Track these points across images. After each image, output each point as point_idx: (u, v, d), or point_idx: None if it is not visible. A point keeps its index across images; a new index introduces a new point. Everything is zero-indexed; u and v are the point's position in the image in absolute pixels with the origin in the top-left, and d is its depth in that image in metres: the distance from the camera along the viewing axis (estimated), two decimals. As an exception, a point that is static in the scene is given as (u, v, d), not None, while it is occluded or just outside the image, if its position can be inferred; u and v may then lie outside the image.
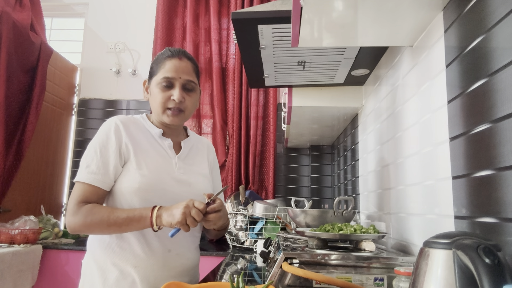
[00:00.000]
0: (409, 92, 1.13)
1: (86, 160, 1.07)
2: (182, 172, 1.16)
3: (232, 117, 2.96)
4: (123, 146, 1.09)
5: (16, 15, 2.47)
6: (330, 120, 2.11)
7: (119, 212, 1.02)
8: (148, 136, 1.16)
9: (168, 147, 1.17)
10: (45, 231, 2.44)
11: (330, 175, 2.97)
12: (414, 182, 1.08)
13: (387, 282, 0.93)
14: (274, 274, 0.96)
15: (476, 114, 0.74)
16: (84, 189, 1.04)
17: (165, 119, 1.14)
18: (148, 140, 1.15)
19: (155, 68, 1.15)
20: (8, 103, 2.33)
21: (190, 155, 1.23)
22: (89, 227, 1.02)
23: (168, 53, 1.15)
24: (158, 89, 1.13)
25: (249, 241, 2.23)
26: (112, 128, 1.10)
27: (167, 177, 1.12)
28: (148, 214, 1.01)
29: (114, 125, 1.11)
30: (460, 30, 0.82)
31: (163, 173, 1.12)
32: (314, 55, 1.43)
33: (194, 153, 1.26)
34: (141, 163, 1.09)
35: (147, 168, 1.09)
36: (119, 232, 1.05)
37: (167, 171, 1.13)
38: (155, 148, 1.15)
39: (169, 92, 1.12)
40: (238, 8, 3.02)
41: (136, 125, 1.16)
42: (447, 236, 0.57)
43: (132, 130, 1.13)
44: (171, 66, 1.12)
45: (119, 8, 3.29)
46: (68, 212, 1.04)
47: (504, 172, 0.64)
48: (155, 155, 1.14)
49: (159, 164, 1.13)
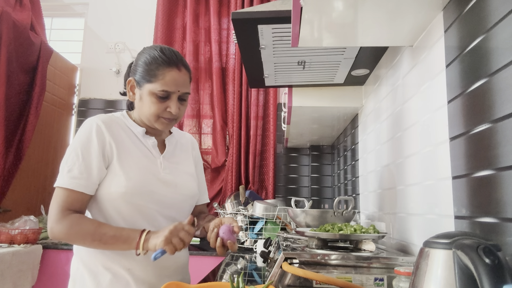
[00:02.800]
0: (409, 92, 1.13)
1: (68, 164, 1.02)
2: (168, 172, 1.12)
3: (232, 117, 2.96)
4: (106, 147, 1.05)
5: (16, 15, 2.47)
6: (330, 120, 2.11)
7: (106, 229, 0.98)
8: (131, 135, 1.12)
9: (152, 146, 1.13)
10: (45, 231, 2.44)
11: (330, 175, 2.97)
12: (414, 182, 1.08)
13: (387, 282, 0.93)
14: (274, 274, 0.96)
15: (476, 114, 0.74)
16: (67, 195, 1.00)
17: (157, 125, 1.10)
18: (131, 139, 1.11)
19: (149, 72, 1.06)
20: (8, 103, 2.33)
21: (175, 153, 1.20)
22: (72, 238, 0.99)
23: (165, 59, 1.06)
24: (153, 99, 1.06)
25: (249, 241, 2.23)
26: (93, 129, 1.05)
27: (153, 179, 1.08)
28: (136, 237, 0.97)
29: (95, 126, 1.05)
30: (460, 30, 0.82)
31: (149, 174, 1.08)
32: (314, 55, 1.43)
33: (179, 151, 1.22)
34: (125, 166, 1.05)
35: (132, 171, 1.05)
36: (101, 248, 1.02)
37: (153, 172, 1.09)
38: (139, 148, 1.11)
39: (165, 104, 1.07)
40: (238, 8, 3.02)
41: (117, 124, 1.10)
42: (447, 236, 0.57)
43: (114, 130, 1.08)
44: (171, 79, 1.05)
45: (119, 8, 3.29)
46: (50, 219, 0.99)
47: (504, 172, 0.64)
48: (139, 155, 1.09)
49: (144, 165, 1.09)
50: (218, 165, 2.98)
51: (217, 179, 2.98)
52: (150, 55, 1.07)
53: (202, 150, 3.06)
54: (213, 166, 2.99)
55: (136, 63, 1.11)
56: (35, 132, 2.57)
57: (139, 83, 1.09)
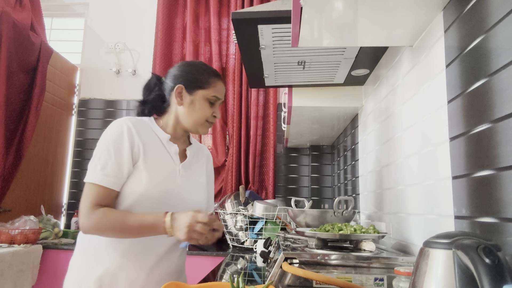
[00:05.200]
0: (409, 92, 1.13)
1: (100, 161, 1.07)
2: (184, 180, 1.18)
3: (232, 117, 2.96)
4: (135, 148, 1.10)
5: (16, 15, 2.47)
6: (330, 120, 2.11)
7: (131, 220, 1.03)
8: (156, 140, 1.17)
9: (174, 153, 1.19)
10: (45, 231, 2.44)
11: (330, 175, 2.97)
12: (414, 182, 1.08)
13: (387, 282, 0.93)
14: (274, 274, 0.96)
15: (476, 114, 0.74)
16: (98, 191, 1.05)
17: (200, 130, 1.20)
18: (156, 144, 1.16)
19: (201, 80, 1.18)
20: (8, 103, 2.33)
21: (192, 163, 1.25)
22: (102, 231, 1.04)
23: (215, 71, 1.23)
24: (206, 104, 1.18)
25: (249, 241, 2.23)
26: (125, 129, 1.11)
27: (171, 184, 1.14)
28: (160, 223, 1.03)
29: (126, 127, 1.11)
30: (460, 30, 0.82)
31: (168, 180, 1.14)
32: (314, 55, 1.43)
33: (195, 162, 1.27)
34: (148, 168, 1.10)
35: (154, 174, 1.11)
36: (132, 237, 1.08)
37: (172, 178, 1.15)
38: (162, 153, 1.16)
39: (212, 109, 1.20)
40: (238, 8, 3.02)
41: (145, 128, 1.17)
42: (447, 236, 0.57)
43: (142, 133, 1.14)
44: (221, 89, 1.21)
45: (119, 8, 3.29)
46: (81, 214, 1.04)
47: (504, 172, 0.64)
48: (162, 160, 1.15)
49: (165, 170, 1.15)
50: (218, 165, 2.98)
51: (217, 179, 2.98)
52: (201, 67, 1.22)
53: (202, 150, 3.06)
54: (213, 166, 2.99)
55: (183, 73, 1.20)
56: (35, 132, 2.57)
57: (190, 90, 1.18)
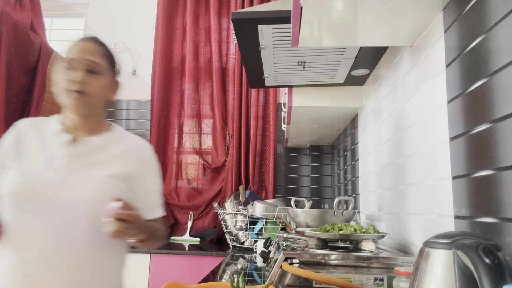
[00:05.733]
0: (409, 92, 1.13)
1: None
2: (69, 173, 1.02)
3: (232, 117, 2.96)
4: (7, 152, 1.05)
5: (16, 15, 2.47)
6: (330, 120, 2.11)
7: None
8: (40, 135, 1.09)
9: (59, 144, 1.06)
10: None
11: (330, 175, 2.97)
12: (414, 182, 1.08)
13: (387, 282, 0.93)
14: (274, 274, 0.96)
15: (476, 114, 0.74)
16: None
17: (66, 102, 1.12)
18: (39, 140, 1.08)
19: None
20: (8, 103, 2.33)
21: (95, 154, 1.08)
22: None
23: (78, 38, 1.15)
24: (61, 69, 1.13)
25: (249, 241, 2.24)
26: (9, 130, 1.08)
27: (38, 179, 1.00)
28: None
29: (11, 128, 1.08)
30: (460, 30, 0.82)
31: (42, 173, 1.01)
32: (314, 55, 1.43)
33: (103, 153, 1.09)
34: (14, 166, 1.01)
35: (20, 170, 1.01)
36: None
37: (48, 171, 1.01)
38: (43, 147, 1.06)
39: (67, 74, 1.12)
40: (238, 8, 3.02)
41: (35, 126, 1.11)
42: (447, 236, 0.57)
43: (27, 132, 1.09)
44: (76, 47, 1.18)
45: (119, 8, 3.29)
46: None
47: (504, 172, 0.64)
48: (38, 155, 1.04)
49: (39, 164, 1.02)
50: (218, 165, 2.98)
51: (217, 179, 2.98)
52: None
53: (202, 150, 3.07)
54: (213, 166, 2.99)
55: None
56: (35, 132, 2.57)
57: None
